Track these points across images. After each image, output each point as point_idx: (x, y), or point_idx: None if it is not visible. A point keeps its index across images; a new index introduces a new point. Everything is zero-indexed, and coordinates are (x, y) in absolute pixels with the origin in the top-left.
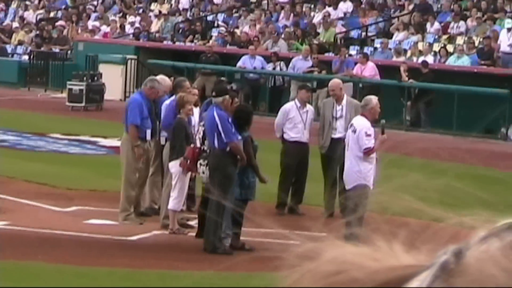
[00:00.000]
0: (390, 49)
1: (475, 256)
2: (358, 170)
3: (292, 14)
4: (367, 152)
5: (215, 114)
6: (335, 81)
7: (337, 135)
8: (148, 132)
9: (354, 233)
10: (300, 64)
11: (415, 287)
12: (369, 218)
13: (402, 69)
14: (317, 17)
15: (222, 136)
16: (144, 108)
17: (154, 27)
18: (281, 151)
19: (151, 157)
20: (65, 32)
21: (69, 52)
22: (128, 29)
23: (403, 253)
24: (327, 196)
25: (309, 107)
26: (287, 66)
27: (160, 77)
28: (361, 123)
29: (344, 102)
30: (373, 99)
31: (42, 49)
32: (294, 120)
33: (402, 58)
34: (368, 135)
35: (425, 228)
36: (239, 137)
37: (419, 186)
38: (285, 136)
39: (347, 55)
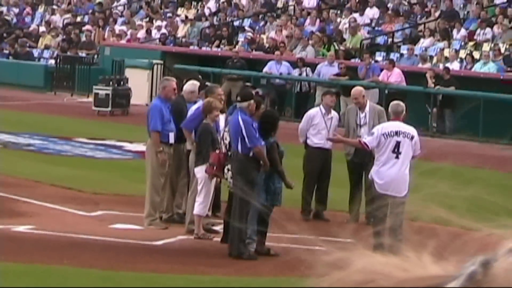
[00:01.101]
0: (416, 55)
1: (503, 267)
2: (408, 177)
3: (318, 20)
4: (418, 157)
5: (239, 118)
6: (357, 89)
7: None
8: (171, 135)
9: (383, 243)
10: (326, 70)
11: None
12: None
13: (428, 75)
14: (344, 23)
15: (245, 140)
16: (165, 112)
17: (180, 32)
18: (304, 157)
19: (183, 161)
20: (91, 36)
21: (95, 56)
22: (155, 33)
23: (431, 264)
24: (353, 203)
25: (334, 114)
26: (313, 71)
27: (191, 82)
28: (412, 129)
29: (367, 109)
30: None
31: (69, 53)
32: (318, 126)
33: (428, 65)
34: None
35: (454, 238)
36: (263, 143)
37: (448, 195)
38: (309, 141)
39: (372, 61)
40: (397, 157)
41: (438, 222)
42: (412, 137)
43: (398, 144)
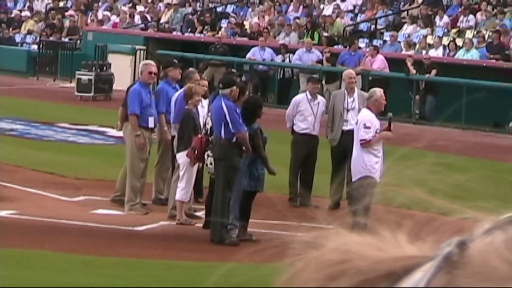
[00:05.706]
0: (399, 42)
1: (479, 248)
2: (362, 162)
3: (301, 6)
4: (363, 144)
5: (223, 104)
6: (350, 71)
7: (348, 127)
8: (151, 120)
9: (359, 222)
10: (306, 56)
11: (418, 277)
12: (375, 209)
13: (409, 63)
14: (327, 9)
15: (229, 126)
16: (144, 97)
17: (163, 18)
18: (291, 142)
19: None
20: (74, 22)
21: (78, 41)
22: (138, 19)
23: (407, 244)
24: (334, 188)
25: (320, 99)
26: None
27: (142, 63)
28: (363, 114)
29: (355, 94)
30: (377, 91)
31: (51, 38)
32: (304, 112)
33: (411, 52)
34: (367, 127)
35: (431, 220)
36: (246, 129)
37: (426, 178)
38: (295, 127)
39: (357, 49)
40: (354, 143)
41: (414, 205)
42: (356, 122)
43: (355, 131)
